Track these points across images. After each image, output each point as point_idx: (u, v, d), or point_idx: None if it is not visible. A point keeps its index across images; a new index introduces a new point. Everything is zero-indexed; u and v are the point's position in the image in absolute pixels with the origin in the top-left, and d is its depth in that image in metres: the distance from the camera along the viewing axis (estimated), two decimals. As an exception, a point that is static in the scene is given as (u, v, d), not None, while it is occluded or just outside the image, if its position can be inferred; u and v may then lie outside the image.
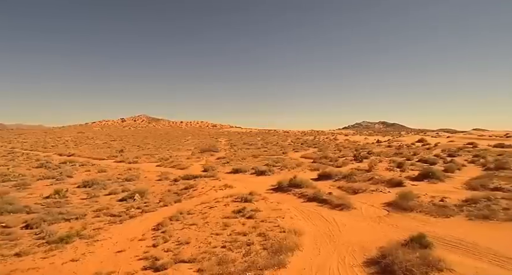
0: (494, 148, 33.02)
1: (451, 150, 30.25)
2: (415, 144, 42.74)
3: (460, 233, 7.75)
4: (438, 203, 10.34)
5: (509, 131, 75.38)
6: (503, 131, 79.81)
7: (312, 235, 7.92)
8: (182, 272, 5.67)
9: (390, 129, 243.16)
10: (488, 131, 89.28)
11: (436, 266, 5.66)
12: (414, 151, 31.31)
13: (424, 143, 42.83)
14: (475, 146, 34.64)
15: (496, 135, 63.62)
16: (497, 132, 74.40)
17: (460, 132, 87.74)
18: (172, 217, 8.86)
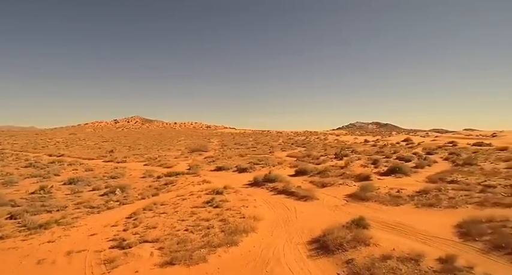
0: (472, 146, 34.33)
1: (431, 148, 31.47)
2: (400, 143, 44.01)
3: (402, 218, 8.70)
4: (394, 194, 11.32)
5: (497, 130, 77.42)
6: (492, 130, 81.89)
7: (271, 220, 8.81)
8: (144, 250, 6.50)
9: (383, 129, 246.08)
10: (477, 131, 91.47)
11: (365, 241, 6.59)
12: (395, 149, 32.42)
13: (409, 142, 44.13)
14: (455, 144, 35.95)
15: (483, 134, 65.38)
16: (485, 132, 76.36)
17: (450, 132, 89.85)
18: (146, 207, 9.67)
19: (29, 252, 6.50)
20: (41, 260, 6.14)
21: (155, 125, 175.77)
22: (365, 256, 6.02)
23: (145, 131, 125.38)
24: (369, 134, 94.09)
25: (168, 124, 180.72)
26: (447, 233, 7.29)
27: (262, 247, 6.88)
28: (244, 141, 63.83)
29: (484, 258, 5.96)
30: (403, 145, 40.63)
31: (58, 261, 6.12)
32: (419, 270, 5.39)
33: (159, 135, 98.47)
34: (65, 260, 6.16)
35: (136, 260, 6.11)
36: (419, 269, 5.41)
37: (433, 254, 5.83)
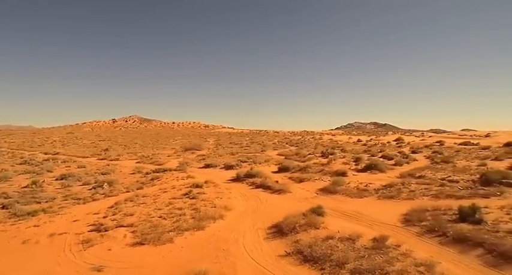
0: (459, 145, 35.25)
1: (418, 147, 32.40)
2: (391, 143, 44.94)
3: (361, 208, 9.53)
4: (362, 187, 12.16)
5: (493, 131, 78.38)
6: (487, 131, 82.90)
7: (241, 210, 9.63)
8: (119, 233, 7.32)
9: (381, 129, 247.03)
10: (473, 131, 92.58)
11: (315, 226, 7.42)
12: (383, 148, 33.31)
13: (399, 141, 45.07)
14: (442, 144, 36.88)
15: (477, 135, 66.41)
16: (480, 133, 77.41)
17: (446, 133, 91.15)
18: (128, 198, 10.49)
19: (16, 234, 7.31)
20: (26, 240, 6.96)
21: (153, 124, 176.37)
22: (312, 236, 6.84)
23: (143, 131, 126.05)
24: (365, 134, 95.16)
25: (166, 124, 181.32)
26: (393, 220, 8.12)
27: (226, 231, 7.70)
28: (239, 140, 64.66)
29: (415, 239, 6.81)
30: (393, 144, 41.56)
31: (41, 241, 6.94)
32: (353, 247, 6.22)
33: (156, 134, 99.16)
34: (47, 241, 6.98)
35: (111, 240, 6.92)
36: (353, 247, 6.24)
37: (370, 236, 6.65)
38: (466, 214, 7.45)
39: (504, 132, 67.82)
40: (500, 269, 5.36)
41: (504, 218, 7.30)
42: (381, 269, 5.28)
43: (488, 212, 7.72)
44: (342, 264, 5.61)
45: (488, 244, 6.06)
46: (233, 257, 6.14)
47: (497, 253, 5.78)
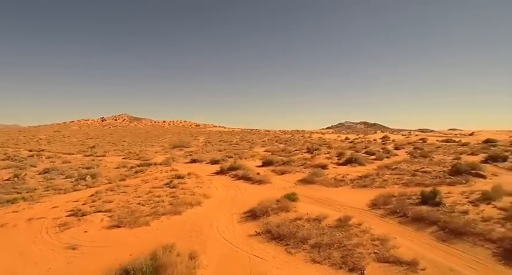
0: (440, 142, 36.43)
1: (401, 144, 33.40)
2: (377, 140, 46.00)
3: (334, 195, 9.99)
4: (339, 178, 12.66)
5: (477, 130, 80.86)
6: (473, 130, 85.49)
7: (219, 198, 9.96)
8: (96, 217, 7.55)
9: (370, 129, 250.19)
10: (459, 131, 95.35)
11: (287, 209, 7.83)
12: (367, 145, 34.13)
13: (384, 139, 46.20)
14: (424, 141, 38.04)
15: (462, 133, 68.57)
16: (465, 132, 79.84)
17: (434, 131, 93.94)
18: (109, 188, 10.67)
19: (-6, 219, 7.47)
20: (3, 224, 7.13)
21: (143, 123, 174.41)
22: (281, 218, 7.23)
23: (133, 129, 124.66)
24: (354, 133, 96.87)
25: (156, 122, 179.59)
26: (362, 204, 8.59)
27: (202, 216, 8.02)
28: (229, 139, 64.80)
29: (378, 220, 7.28)
30: (378, 142, 42.54)
31: (19, 225, 7.12)
32: (318, 226, 6.64)
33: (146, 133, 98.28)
34: (25, 224, 7.16)
35: (88, 224, 7.15)
36: (318, 226, 6.66)
37: (336, 217, 7.08)
38: (428, 198, 7.98)
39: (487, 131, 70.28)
40: (449, 243, 5.86)
41: (462, 201, 7.86)
42: (339, 243, 5.71)
43: (449, 197, 8.28)
44: (305, 240, 6.01)
45: (442, 222, 6.57)
46: (205, 237, 6.47)
47: (449, 230, 6.29)
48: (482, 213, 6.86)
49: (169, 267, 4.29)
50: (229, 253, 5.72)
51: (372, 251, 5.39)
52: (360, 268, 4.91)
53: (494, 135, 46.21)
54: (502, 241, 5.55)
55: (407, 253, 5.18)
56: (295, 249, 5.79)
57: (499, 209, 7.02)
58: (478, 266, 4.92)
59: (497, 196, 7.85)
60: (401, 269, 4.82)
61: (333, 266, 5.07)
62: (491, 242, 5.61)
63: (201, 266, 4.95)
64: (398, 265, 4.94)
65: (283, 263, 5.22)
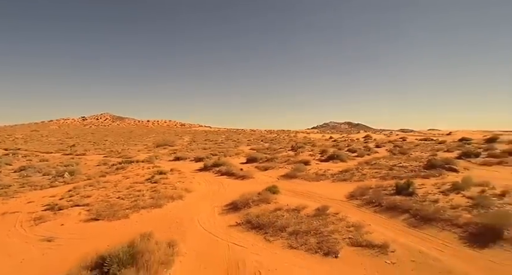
0: (419, 141, 37.81)
1: (383, 142, 34.42)
2: (359, 139, 47.16)
3: (314, 188, 10.23)
4: (320, 173, 12.94)
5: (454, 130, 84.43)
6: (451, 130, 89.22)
7: (202, 192, 9.97)
8: (74, 211, 7.41)
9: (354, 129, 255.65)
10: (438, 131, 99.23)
11: (267, 201, 7.97)
12: (350, 143, 34.93)
13: (367, 138, 47.42)
14: (404, 139, 39.33)
15: (440, 133, 71.44)
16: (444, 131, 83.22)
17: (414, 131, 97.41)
18: (87, 184, 10.44)
19: (-36, 214, 7.17)
20: (-25, 219, 6.86)
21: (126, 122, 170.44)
22: (262, 209, 7.35)
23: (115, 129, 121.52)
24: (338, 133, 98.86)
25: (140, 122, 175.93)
26: (340, 196, 8.86)
27: (183, 208, 8.03)
28: (215, 138, 64.58)
29: (354, 209, 7.55)
30: (361, 141, 43.63)
31: (-9, 219, 6.87)
32: (297, 216, 6.80)
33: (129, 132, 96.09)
34: (-3, 219, 6.92)
35: (64, 217, 7.01)
36: (297, 215, 6.82)
37: (314, 207, 7.27)
38: (402, 189, 8.33)
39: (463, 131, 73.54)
40: (420, 228, 6.17)
41: (434, 191, 8.25)
42: (316, 230, 5.89)
43: (422, 188, 8.67)
44: (283, 228, 6.16)
45: (414, 210, 6.90)
46: (184, 228, 6.49)
47: (419, 217, 6.62)
48: (451, 201, 7.24)
49: (146, 253, 4.31)
50: (208, 241, 5.78)
51: (347, 237, 5.60)
52: (334, 252, 5.09)
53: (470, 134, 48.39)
54: (467, 225, 5.91)
55: (379, 238, 5.41)
56: (273, 237, 5.92)
57: (467, 198, 7.43)
58: (444, 249, 5.21)
59: (466, 186, 8.29)
60: (373, 252, 5.05)
61: (309, 251, 5.23)
62: (458, 227, 5.95)
63: (180, 254, 4.98)
64: (370, 248, 5.16)
65: (261, 250, 5.33)
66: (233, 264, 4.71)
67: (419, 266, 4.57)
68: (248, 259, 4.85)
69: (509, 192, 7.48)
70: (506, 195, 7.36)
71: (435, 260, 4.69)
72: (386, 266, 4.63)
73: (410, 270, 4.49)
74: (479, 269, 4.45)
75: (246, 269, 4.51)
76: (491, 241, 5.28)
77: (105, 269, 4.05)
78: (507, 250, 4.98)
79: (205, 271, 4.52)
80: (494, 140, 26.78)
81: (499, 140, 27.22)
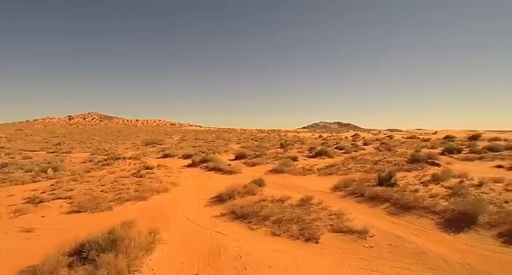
0: (405, 139, 38.65)
1: (370, 140, 35.07)
2: (348, 137, 47.86)
3: (300, 182, 10.37)
4: (307, 168, 13.09)
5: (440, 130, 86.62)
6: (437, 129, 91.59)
7: (188, 186, 9.96)
8: (55, 203, 7.29)
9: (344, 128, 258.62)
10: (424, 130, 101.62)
11: (253, 193, 8.05)
12: (338, 141, 35.39)
13: (355, 136, 48.17)
14: (391, 137, 40.10)
15: (426, 132, 73.16)
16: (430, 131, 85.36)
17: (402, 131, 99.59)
18: (71, 178, 10.26)
19: None
20: (-49, 212, 6.66)
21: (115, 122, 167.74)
22: (247, 200, 7.39)
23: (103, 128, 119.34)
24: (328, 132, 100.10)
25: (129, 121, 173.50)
26: (325, 188, 9.01)
27: (168, 201, 8.00)
28: (205, 137, 64.28)
29: (337, 199, 7.70)
30: (349, 139, 44.30)
31: (-31, 212, 6.68)
32: (281, 206, 6.89)
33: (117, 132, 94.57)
34: (-25, 212, 6.74)
35: (46, 210, 6.89)
36: (281, 206, 6.91)
37: (298, 198, 7.37)
38: (384, 180, 8.54)
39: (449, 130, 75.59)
40: (399, 216, 6.35)
41: (414, 182, 8.49)
42: (299, 218, 5.99)
43: (403, 179, 8.90)
44: (267, 217, 6.23)
45: (394, 199, 7.09)
46: (168, 218, 6.48)
47: (399, 205, 6.81)
48: (431, 191, 7.47)
49: (126, 239, 4.30)
50: (191, 230, 5.80)
51: (328, 224, 5.71)
52: (315, 238, 5.19)
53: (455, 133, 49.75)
54: (444, 212, 6.12)
55: (359, 224, 5.55)
56: (257, 225, 5.98)
57: (446, 188, 7.67)
58: (421, 233, 5.39)
59: (445, 177, 8.56)
60: (352, 237, 5.17)
61: (291, 237, 5.32)
62: (436, 214, 6.16)
63: (162, 242, 4.98)
64: (350, 233, 5.29)
65: (243, 237, 5.38)
66: (215, 250, 4.75)
67: (395, 249, 4.72)
68: (230, 245, 4.89)
69: (486, 183, 7.76)
70: (483, 185, 7.63)
71: (411, 243, 4.85)
72: (364, 250, 4.76)
73: (387, 252, 4.63)
74: (453, 251, 4.63)
75: (228, 254, 4.55)
76: (466, 226, 5.49)
77: (84, 255, 4.02)
78: (480, 234, 5.19)
79: (187, 257, 4.54)
80: (476, 138, 27.62)
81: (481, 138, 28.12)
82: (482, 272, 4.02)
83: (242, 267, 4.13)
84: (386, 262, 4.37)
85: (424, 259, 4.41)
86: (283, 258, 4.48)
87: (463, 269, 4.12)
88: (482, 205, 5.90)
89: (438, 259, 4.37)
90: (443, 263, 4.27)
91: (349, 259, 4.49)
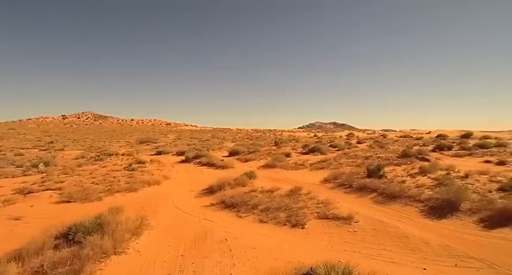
0: (399, 137, 39.07)
1: (364, 139, 35.41)
2: (342, 136, 48.23)
3: (291, 175, 10.48)
4: (299, 163, 13.20)
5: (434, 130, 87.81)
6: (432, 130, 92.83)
7: (180, 179, 10.00)
8: (45, 194, 7.29)
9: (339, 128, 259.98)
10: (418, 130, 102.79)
11: (243, 184, 8.11)
12: (332, 139, 35.66)
13: (349, 135, 48.56)
14: (384, 136, 40.53)
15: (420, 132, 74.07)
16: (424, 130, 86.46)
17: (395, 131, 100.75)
18: (62, 172, 10.23)
19: None
20: None
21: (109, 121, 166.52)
22: (237, 191, 7.47)
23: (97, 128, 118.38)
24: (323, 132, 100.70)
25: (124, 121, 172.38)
26: (315, 181, 9.13)
27: (158, 192, 8.04)
28: (200, 136, 64.18)
29: (326, 190, 7.82)
30: (343, 138, 44.68)
31: (-44, 202, 6.65)
32: (270, 196, 6.98)
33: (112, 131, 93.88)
34: (-38, 202, 6.70)
35: (35, 200, 6.88)
36: (270, 196, 7.00)
37: (287, 189, 7.46)
38: (372, 172, 8.69)
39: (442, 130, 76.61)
40: (385, 204, 6.49)
41: (402, 175, 8.65)
42: (287, 207, 6.08)
43: (392, 172, 9.06)
44: (256, 206, 6.32)
45: (381, 189, 7.23)
46: (158, 207, 6.52)
47: (386, 195, 6.95)
48: (417, 182, 7.63)
49: (113, 223, 4.34)
50: (180, 218, 5.85)
51: (315, 212, 5.82)
52: (301, 224, 5.29)
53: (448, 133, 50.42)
54: (428, 201, 6.27)
55: (345, 212, 5.66)
56: (245, 213, 6.06)
57: (432, 179, 7.85)
58: (405, 220, 5.52)
59: (433, 170, 8.74)
60: (338, 223, 5.28)
61: (278, 224, 5.41)
62: (420, 202, 6.31)
63: (150, 227, 5.03)
64: (336, 220, 5.40)
65: (231, 224, 5.46)
66: (201, 235, 4.82)
67: (378, 233, 4.83)
68: (217, 231, 4.96)
69: (472, 175, 7.94)
70: (469, 177, 7.81)
71: (394, 227, 4.97)
72: (348, 234, 4.86)
73: (370, 236, 4.74)
74: (434, 235, 4.76)
75: (214, 238, 4.62)
76: (448, 213, 5.64)
77: (70, 237, 4.06)
78: (462, 220, 5.34)
79: (173, 241, 4.60)
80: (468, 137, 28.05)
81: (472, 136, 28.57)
82: (461, 252, 4.15)
83: (227, 249, 4.20)
84: (369, 245, 4.47)
85: (405, 241, 4.53)
86: (269, 241, 4.56)
87: (443, 250, 4.24)
88: (465, 193, 6.06)
89: (419, 242, 4.50)
90: (424, 245, 4.39)
91: (333, 243, 4.59)
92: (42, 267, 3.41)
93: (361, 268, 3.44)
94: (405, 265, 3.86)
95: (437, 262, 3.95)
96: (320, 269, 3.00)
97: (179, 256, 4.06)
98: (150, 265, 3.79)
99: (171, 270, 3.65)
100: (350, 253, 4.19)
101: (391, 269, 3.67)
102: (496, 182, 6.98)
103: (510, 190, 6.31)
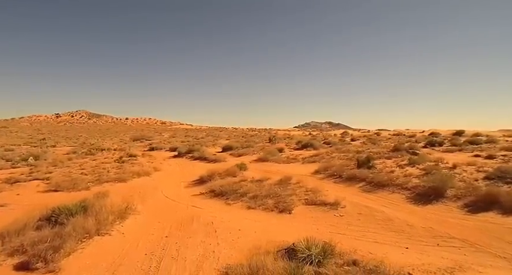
0: (392, 135, 39.44)
1: (358, 137, 35.67)
2: (337, 134, 48.56)
3: (283, 168, 10.50)
4: (292, 157, 13.24)
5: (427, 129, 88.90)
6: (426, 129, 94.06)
7: (170, 171, 9.98)
8: (32, 183, 7.22)
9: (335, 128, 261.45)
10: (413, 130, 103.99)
11: (233, 175, 8.11)
12: (326, 137, 35.86)
13: (344, 134, 48.91)
14: (378, 134, 40.87)
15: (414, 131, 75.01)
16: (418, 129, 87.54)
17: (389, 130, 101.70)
18: (52, 164, 10.12)
19: None
20: None
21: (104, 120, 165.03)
22: (226, 181, 7.47)
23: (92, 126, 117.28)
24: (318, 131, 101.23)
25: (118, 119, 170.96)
26: (306, 172, 9.16)
27: (148, 183, 8.01)
28: (195, 135, 64.01)
29: (316, 181, 7.85)
30: (338, 136, 44.99)
31: None
32: (259, 185, 7.00)
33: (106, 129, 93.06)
34: None
35: (21, 189, 6.81)
36: (260, 185, 7.02)
37: (278, 179, 7.48)
38: (362, 163, 8.75)
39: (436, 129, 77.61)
40: (372, 192, 6.56)
41: (391, 165, 8.72)
42: (275, 194, 6.10)
43: (382, 164, 9.13)
44: (244, 194, 6.33)
45: (370, 178, 7.29)
46: (146, 195, 6.51)
47: (374, 184, 7.02)
48: (405, 172, 7.70)
49: (97, 205, 4.31)
50: (168, 205, 5.85)
51: (303, 198, 5.85)
52: (289, 210, 5.32)
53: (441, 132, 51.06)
54: (415, 188, 6.35)
55: (333, 198, 5.69)
56: (234, 201, 6.08)
57: (421, 169, 7.92)
58: (391, 205, 5.58)
59: (422, 161, 8.84)
60: (325, 209, 5.32)
61: (266, 210, 5.43)
62: (407, 190, 6.38)
63: (136, 212, 5.01)
64: (323, 205, 5.44)
65: (219, 210, 5.47)
66: (188, 219, 4.81)
67: (364, 217, 4.88)
68: (204, 215, 4.96)
69: (460, 165, 8.04)
70: (456, 167, 7.91)
71: (380, 212, 5.02)
72: (334, 218, 4.90)
73: (356, 220, 4.79)
74: (418, 218, 4.81)
75: (200, 221, 4.62)
76: (434, 199, 5.71)
77: (53, 219, 4.02)
78: (447, 205, 5.41)
79: (159, 225, 4.58)
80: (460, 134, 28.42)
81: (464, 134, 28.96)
82: (444, 233, 4.20)
83: (212, 230, 4.20)
84: (354, 227, 4.51)
85: (390, 224, 4.58)
86: (255, 225, 4.57)
87: (426, 231, 4.30)
88: (451, 180, 6.15)
89: (403, 225, 4.55)
90: (408, 228, 4.44)
91: (319, 225, 4.62)
92: (23, 246, 3.38)
93: (343, 246, 3.47)
94: (388, 244, 3.91)
95: (420, 242, 4.00)
96: (301, 244, 3.02)
97: (164, 237, 4.05)
98: (133, 246, 3.77)
99: (153, 249, 3.63)
100: (335, 234, 4.21)
101: (374, 247, 3.70)
102: (483, 172, 7.10)
103: (496, 178, 6.43)
